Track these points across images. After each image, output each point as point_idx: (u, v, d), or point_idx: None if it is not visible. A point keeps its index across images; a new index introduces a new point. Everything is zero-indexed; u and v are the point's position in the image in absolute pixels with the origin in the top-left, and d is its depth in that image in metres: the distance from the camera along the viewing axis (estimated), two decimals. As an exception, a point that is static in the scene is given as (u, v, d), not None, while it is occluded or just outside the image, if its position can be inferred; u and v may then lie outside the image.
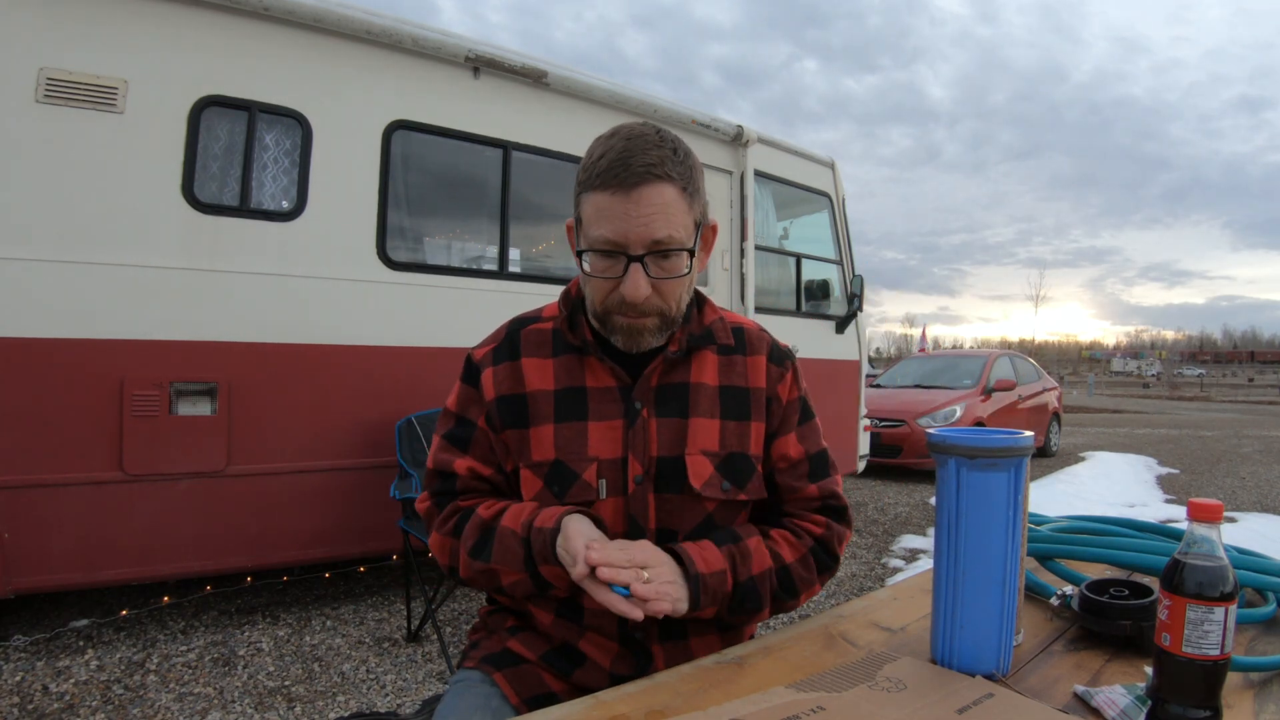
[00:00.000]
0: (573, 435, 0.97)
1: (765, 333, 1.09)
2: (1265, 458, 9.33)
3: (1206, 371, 68.31)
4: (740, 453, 0.99)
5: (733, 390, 1.02)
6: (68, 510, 2.57)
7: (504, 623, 1.04)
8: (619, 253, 0.90)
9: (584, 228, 0.93)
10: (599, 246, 0.90)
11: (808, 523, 1.02)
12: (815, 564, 1.01)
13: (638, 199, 0.87)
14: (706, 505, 0.97)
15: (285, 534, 2.99)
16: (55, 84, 2.53)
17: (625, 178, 0.87)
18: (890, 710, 0.71)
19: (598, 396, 0.98)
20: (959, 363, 9.36)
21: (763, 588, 0.94)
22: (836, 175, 5.29)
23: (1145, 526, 1.32)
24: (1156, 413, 19.87)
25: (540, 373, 1.00)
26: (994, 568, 0.81)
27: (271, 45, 2.94)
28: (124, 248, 2.65)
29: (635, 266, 0.89)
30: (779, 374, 1.05)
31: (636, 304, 0.91)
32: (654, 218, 0.88)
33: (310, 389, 3.02)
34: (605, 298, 0.94)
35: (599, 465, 0.95)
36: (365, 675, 2.58)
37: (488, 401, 1.00)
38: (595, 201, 0.90)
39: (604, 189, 0.89)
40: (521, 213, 3.72)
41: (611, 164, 0.88)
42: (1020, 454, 0.81)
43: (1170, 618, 0.69)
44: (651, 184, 0.88)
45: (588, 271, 0.93)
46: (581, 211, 0.93)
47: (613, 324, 0.95)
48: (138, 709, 2.27)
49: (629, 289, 0.90)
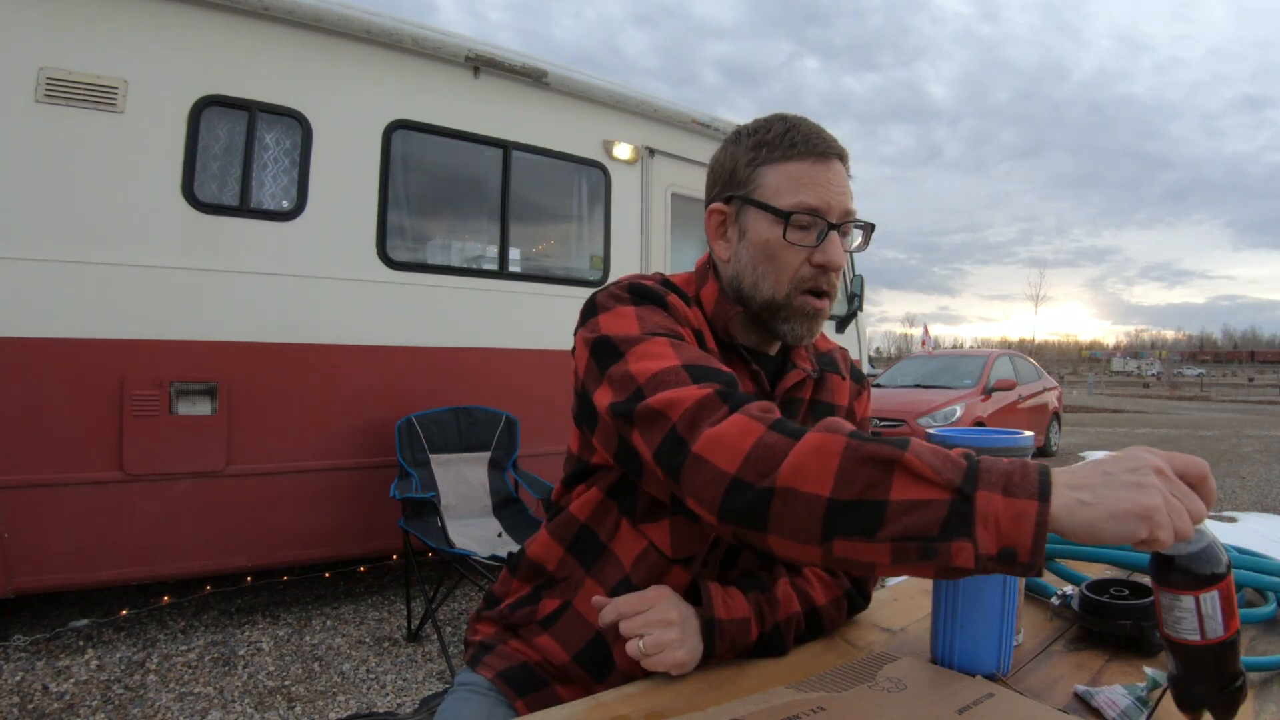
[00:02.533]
0: None
1: (845, 349, 1.11)
2: (1265, 457, 9.33)
3: (1206, 371, 68.31)
4: None
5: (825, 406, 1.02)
6: (68, 510, 2.57)
7: (533, 615, 0.93)
8: (817, 220, 0.87)
9: (771, 199, 0.88)
10: (799, 211, 0.87)
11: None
12: (848, 605, 0.96)
13: (834, 169, 0.89)
14: None
15: (285, 534, 2.99)
16: (55, 84, 2.53)
17: (823, 148, 0.88)
18: (890, 710, 0.71)
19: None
20: (959, 362, 9.36)
21: (787, 633, 0.88)
22: (836, 175, 5.28)
23: (1145, 526, 1.32)
24: (1156, 412, 19.87)
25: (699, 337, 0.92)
26: (994, 568, 0.81)
27: (271, 45, 2.94)
28: (124, 247, 2.65)
29: (834, 234, 0.88)
30: (857, 392, 1.07)
31: (835, 271, 0.89)
32: (845, 189, 0.89)
33: (310, 389, 3.02)
34: (795, 271, 0.88)
35: None
36: (365, 675, 2.58)
37: (693, 326, 0.90)
38: (788, 170, 0.88)
39: (801, 158, 0.88)
40: (521, 213, 3.72)
41: (806, 135, 0.88)
42: (1020, 454, 0.80)
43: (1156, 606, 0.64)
44: (839, 160, 0.90)
45: (789, 240, 0.87)
46: (762, 182, 0.89)
47: (795, 308, 0.90)
48: (138, 709, 2.27)
49: (833, 253, 0.88)
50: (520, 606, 0.95)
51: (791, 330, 0.92)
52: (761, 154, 0.89)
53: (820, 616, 0.92)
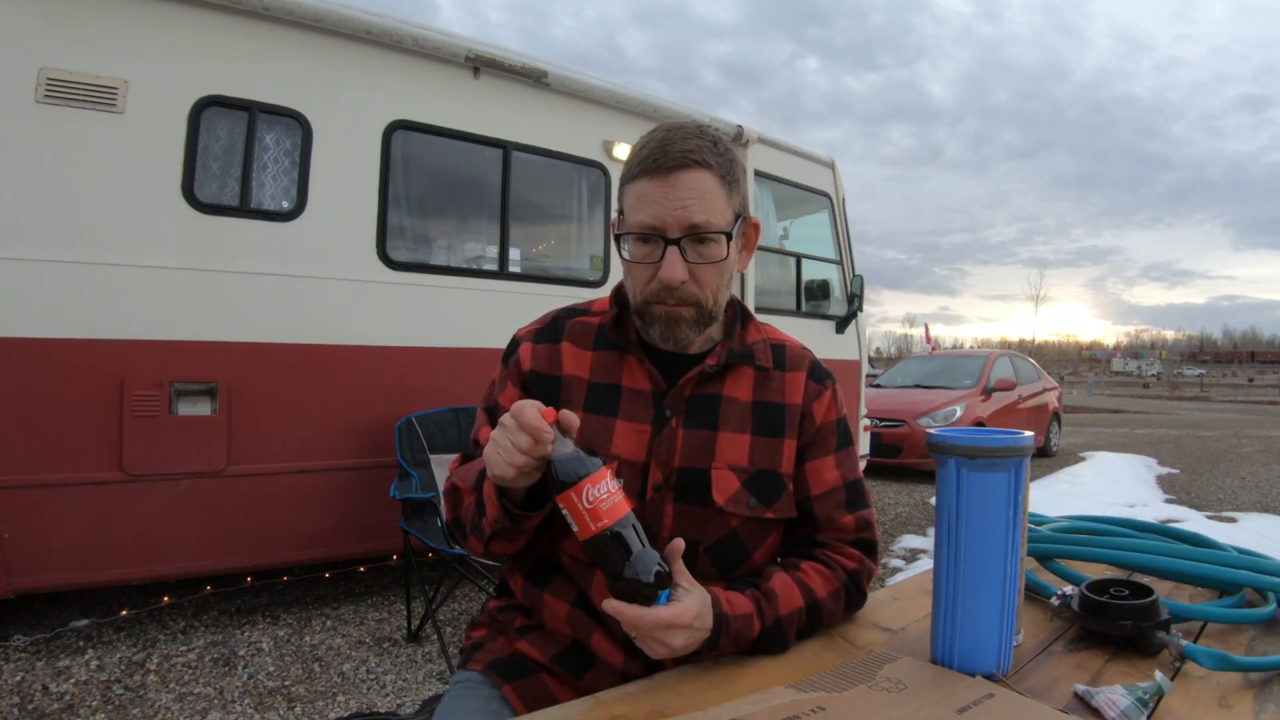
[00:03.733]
0: (599, 428, 0.97)
1: (808, 351, 1.08)
2: (1265, 458, 9.32)
3: (1206, 371, 68.31)
4: (770, 470, 0.98)
5: (767, 406, 1.00)
6: (68, 510, 2.57)
7: (513, 621, 1.02)
8: (656, 236, 0.91)
9: (625, 217, 0.95)
10: (637, 230, 0.92)
11: (841, 556, 0.99)
12: (846, 599, 0.98)
13: (675, 183, 0.89)
14: (730, 520, 0.95)
15: (285, 534, 2.99)
16: (55, 84, 2.53)
17: (663, 162, 0.89)
18: (890, 710, 0.71)
19: (630, 397, 0.98)
20: (959, 363, 9.36)
21: (789, 628, 0.90)
22: (836, 175, 5.29)
23: (1145, 526, 1.32)
24: (1156, 413, 19.87)
25: (577, 361, 1.01)
26: (994, 568, 0.81)
27: (271, 45, 2.94)
28: (124, 248, 2.65)
29: (672, 249, 0.90)
30: (817, 391, 1.03)
31: (673, 288, 0.91)
32: (691, 202, 0.89)
33: (310, 389, 3.02)
34: (645, 286, 0.94)
35: (620, 465, 0.95)
36: (365, 675, 2.58)
37: (524, 372, 1.01)
38: (635, 189, 0.92)
39: (643, 176, 0.91)
40: (521, 213, 3.72)
41: (652, 152, 0.90)
42: (1020, 454, 0.81)
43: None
44: (689, 169, 0.89)
45: (626, 257, 0.95)
46: (624, 203, 0.95)
47: (651, 314, 0.95)
48: (138, 709, 2.27)
49: (666, 271, 0.90)
50: (503, 612, 1.04)
51: (658, 334, 0.96)
52: (625, 172, 0.95)
53: (820, 609, 0.94)
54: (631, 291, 0.97)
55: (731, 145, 0.96)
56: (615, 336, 1.00)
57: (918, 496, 6.30)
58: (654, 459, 0.95)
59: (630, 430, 0.96)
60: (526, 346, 1.03)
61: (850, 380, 5.31)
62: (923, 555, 4.40)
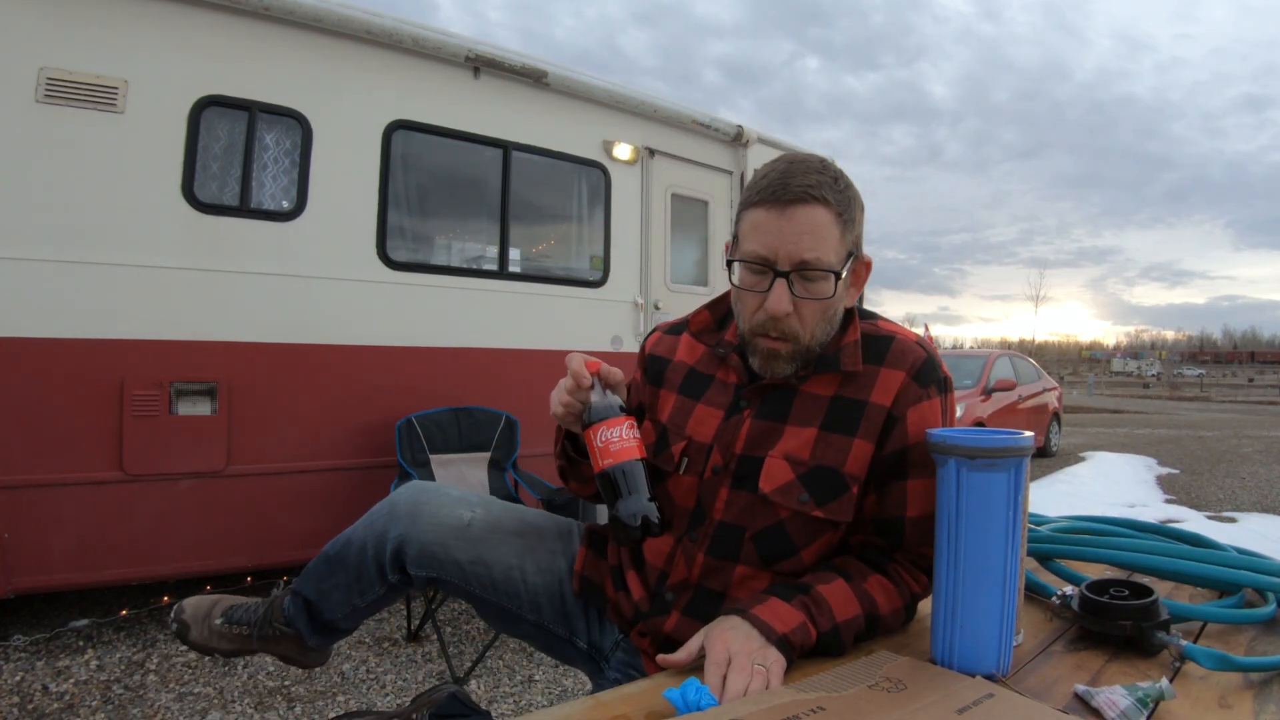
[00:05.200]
0: (683, 409, 1.05)
1: (924, 349, 0.97)
2: (1265, 458, 9.32)
3: (1206, 372, 68.31)
4: (830, 468, 0.94)
5: (846, 401, 0.96)
6: (68, 510, 2.57)
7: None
8: (767, 268, 0.92)
9: (740, 243, 0.97)
10: (749, 259, 0.94)
11: (911, 578, 0.96)
12: (906, 616, 0.97)
13: (791, 216, 0.91)
14: (779, 512, 0.94)
15: (285, 534, 2.99)
16: (55, 84, 2.53)
17: (782, 195, 0.91)
18: (890, 710, 0.71)
19: (718, 386, 1.04)
20: (959, 363, 9.36)
21: (847, 636, 0.88)
22: (836, 175, 5.28)
23: (1145, 526, 1.32)
24: (1156, 413, 19.87)
25: (691, 350, 1.10)
26: (994, 568, 0.81)
27: (271, 45, 2.94)
28: (124, 248, 2.65)
29: (780, 282, 0.92)
30: (917, 396, 0.95)
31: (778, 319, 0.92)
32: (804, 237, 0.90)
33: (310, 389, 3.02)
34: (751, 315, 0.96)
35: (688, 444, 1.01)
36: (365, 675, 2.58)
37: (645, 355, 1.15)
38: (752, 217, 0.94)
39: (761, 205, 0.93)
40: (521, 213, 3.72)
41: (772, 182, 0.92)
42: (1020, 454, 0.81)
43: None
44: (806, 204, 0.90)
45: (737, 284, 0.97)
46: (739, 228, 0.98)
47: (754, 346, 0.98)
48: (138, 709, 2.27)
49: (772, 303, 0.92)
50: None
51: (756, 364, 0.99)
52: (744, 198, 0.97)
53: (879, 622, 0.92)
54: (739, 316, 1.00)
55: (852, 183, 0.96)
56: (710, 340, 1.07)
57: (918, 496, 6.28)
58: (718, 442, 0.98)
59: (706, 413, 1.02)
60: (655, 335, 1.16)
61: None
62: (923, 555, 4.39)
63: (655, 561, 1.03)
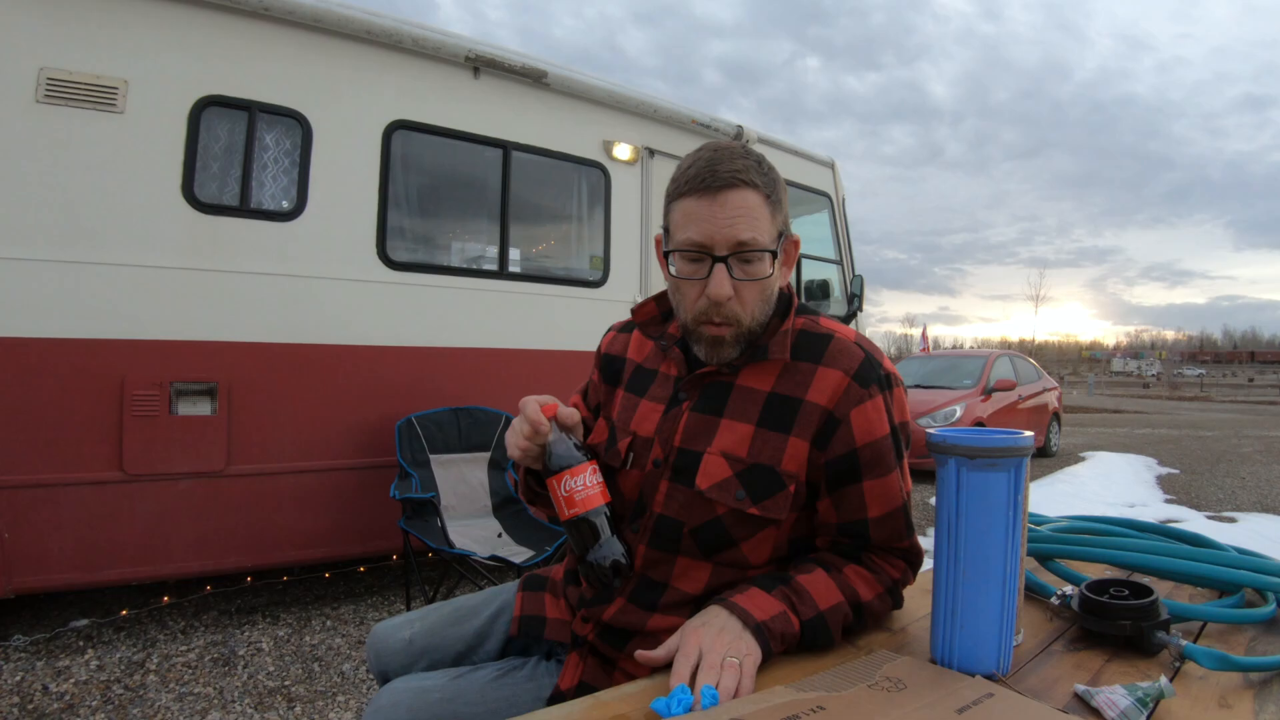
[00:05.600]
0: (629, 405, 1.07)
1: (863, 349, 0.97)
2: (1265, 458, 9.32)
3: (1206, 371, 68.30)
4: (766, 465, 0.94)
5: (782, 399, 0.96)
6: (68, 510, 2.57)
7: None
8: (704, 255, 0.93)
9: (672, 234, 0.97)
10: (685, 248, 0.94)
11: (887, 564, 0.98)
12: (890, 604, 0.98)
13: (723, 202, 0.92)
14: (716, 508, 0.94)
15: (285, 534, 2.99)
16: (55, 84, 2.53)
17: (711, 182, 0.92)
18: (890, 710, 0.71)
19: (660, 380, 1.06)
20: (959, 363, 9.36)
21: (834, 625, 0.89)
22: (836, 175, 5.29)
23: (1145, 526, 1.32)
24: (1156, 413, 19.87)
25: (640, 347, 1.12)
26: (994, 568, 0.81)
27: (271, 45, 2.94)
28: (124, 248, 2.65)
29: (720, 266, 0.93)
30: (860, 397, 0.94)
31: (720, 303, 0.93)
32: (738, 220, 0.92)
33: (310, 389, 3.02)
34: (694, 304, 0.96)
35: (633, 439, 1.03)
36: (365, 675, 2.58)
37: (600, 354, 1.17)
38: (683, 207, 0.95)
39: (691, 194, 0.93)
40: (521, 213, 3.72)
41: (700, 171, 0.93)
42: (1020, 454, 0.81)
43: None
44: (736, 189, 0.92)
45: (674, 274, 0.97)
46: (670, 220, 0.98)
47: (698, 334, 0.98)
48: (138, 709, 2.27)
49: (713, 287, 0.93)
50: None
51: (701, 351, 1.00)
52: (670, 189, 0.98)
53: (864, 609, 0.94)
54: (679, 307, 1.00)
55: (774, 166, 0.99)
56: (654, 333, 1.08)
57: (918, 496, 6.30)
58: (658, 435, 1.00)
59: (649, 408, 1.04)
60: (610, 334, 1.18)
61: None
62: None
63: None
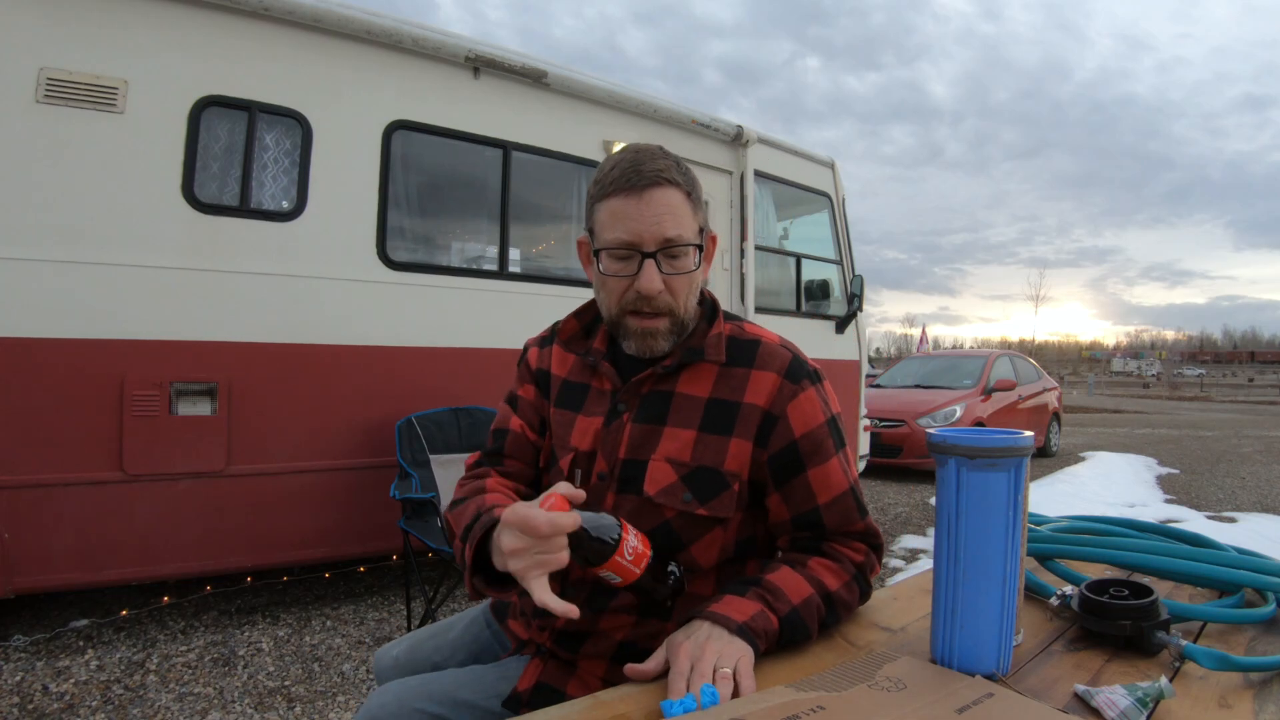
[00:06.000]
0: (565, 423, 1.07)
1: (789, 349, 1.03)
2: (1265, 458, 9.32)
3: (1206, 372, 68.30)
4: (710, 467, 0.97)
5: (721, 403, 0.99)
6: (68, 510, 2.57)
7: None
8: (633, 252, 0.96)
9: (598, 234, 0.99)
10: (614, 247, 0.96)
11: (848, 549, 1.00)
12: (859, 591, 0.98)
13: (649, 200, 0.95)
14: (665, 512, 0.97)
15: (285, 534, 2.99)
16: (55, 84, 2.53)
17: (636, 181, 0.94)
18: (890, 709, 0.71)
19: (594, 395, 1.06)
20: (959, 363, 9.36)
21: (809, 618, 0.90)
22: (836, 175, 5.29)
23: (1145, 526, 1.32)
24: (1156, 413, 19.87)
25: (562, 361, 1.12)
26: (994, 568, 0.81)
27: (271, 45, 2.94)
28: (124, 248, 2.65)
29: (649, 262, 0.96)
30: (793, 393, 0.99)
31: (652, 297, 0.96)
32: (664, 217, 0.95)
33: (310, 389, 3.02)
34: (620, 298, 0.99)
35: (575, 456, 1.03)
36: (365, 675, 2.58)
37: (533, 370, 1.15)
38: (609, 207, 0.97)
39: (617, 194, 0.96)
40: (521, 213, 3.72)
41: (624, 172, 0.95)
42: (1020, 454, 0.80)
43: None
44: (661, 187, 0.95)
45: (603, 272, 0.99)
46: (595, 221, 0.99)
47: (626, 328, 1.00)
48: (138, 709, 2.27)
49: (645, 282, 0.95)
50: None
51: (629, 345, 1.02)
52: (594, 191, 0.99)
53: (834, 599, 0.94)
54: (605, 305, 1.02)
55: (690, 168, 1.01)
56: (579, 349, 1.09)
57: (917, 496, 6.30)
58: (600, 450, 1.01)
59: (586, 424, 1.04)
60: (534, 350, 1.17)
61: (850, 380, 5.31)
62: (923, 555, 4.40)
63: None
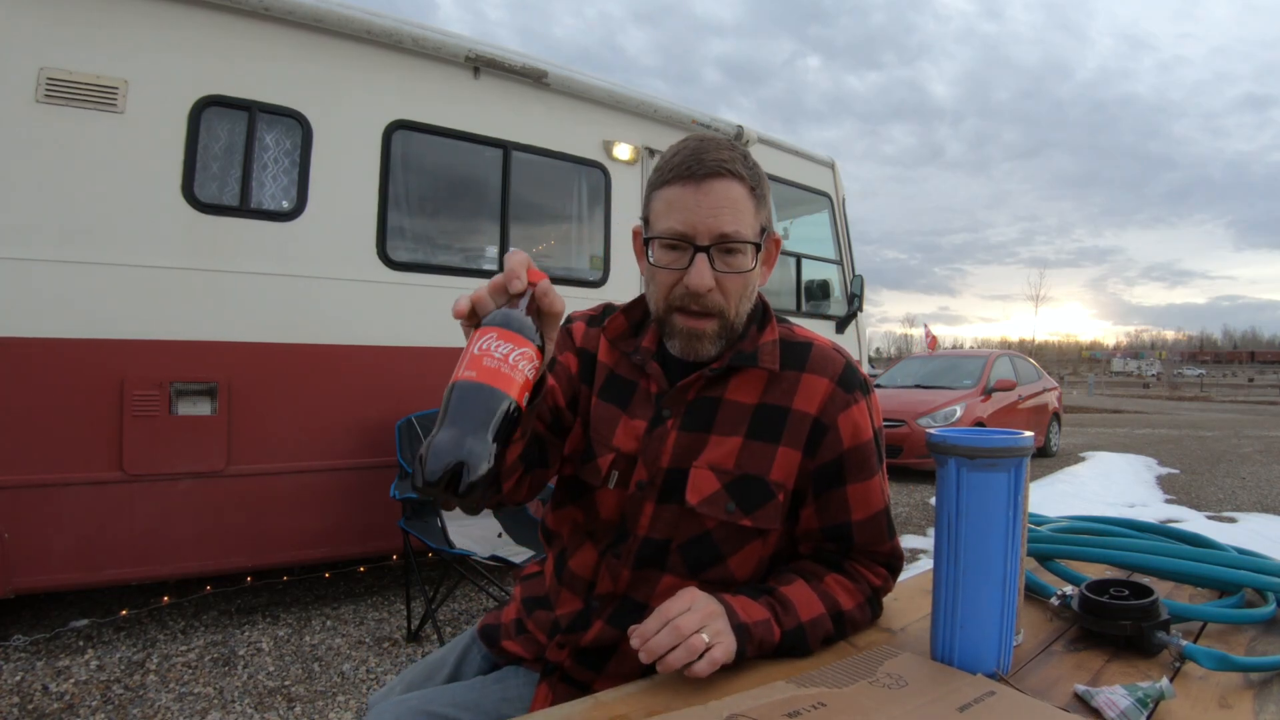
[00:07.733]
0: (609, 419, 1.00)
1: (842, 355, 0.98)
2: (1265, 458, 9.32)
3: (1206, 372, 68.30)
4: (756, 476, 0.93)
5: (770, 409, 0.94)
6: (68, 510, 2.57)
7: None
8: (685, 244, 0.90)
9: (652, 223, 0.94)
10: (666, 236, 0.91)
11: (870, 572, 0.97)
12: (870, 613, 0.97)
13: (708, 191, 0.89)
14: (706, 522, 0.93)
15: (285, 534, 2.99)
16: (55, 84, 2.53)
17: (696, 170, 0.89)
18: (891, 706, 0.71)
19: (641, 395, 0.99)
20: (959, 363, 9.36)
21: (812, 637, 0.88)
22: (836, 175, 5.29)
23: (1145, 526, 1.32)
24: (1156, 413, 19.86)
25: (610, 352, 1.04)
26: (994, 568, 0.81)
27: (271, 45, 2.94)
28: (124, 248, 2.65)
29: (701, 256, 0.90)
30: (845, 403, 0.94)
31: (700, 294, 0.90)
32: (722, 210, 0.89)
33: (310, 389, 3.02)
34: (669, 292, 0.93)
35: (616, 457, 0.97)
36: (365, 675, 2.58)
37: (576, 345, 1.06)
38: (666, 195, 0.92)
39: (675, 182, 0.90)
40: (521, 213, 3.72)
41: (685, 159, 0.90)
42: (1020, 454, 0.81)
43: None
44: (721, 178, 0.89)
45: (653, 263, 0.93)
46: (651, 208, 0.94)
47: (672, 326, 0.94)
48: (138, 709, 2.27)
49: (694, 277, 0.89)
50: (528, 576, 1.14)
51: (674, 345, 0.96)
52: (653, 178, 0.95)
53: (845, 619, 0.92)
54: (653, 298, 0.96)
55: (758, 162, 0.96)
56: (627, 346, 1.02)
57: (918, 496, 6.30)
58: (642, 457, 0.95)
59: (632, 425, 0.98)
60: (580, 325, 1.08)
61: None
62: (923, 555, 4.40)
63: (581, 573, 1.00)
